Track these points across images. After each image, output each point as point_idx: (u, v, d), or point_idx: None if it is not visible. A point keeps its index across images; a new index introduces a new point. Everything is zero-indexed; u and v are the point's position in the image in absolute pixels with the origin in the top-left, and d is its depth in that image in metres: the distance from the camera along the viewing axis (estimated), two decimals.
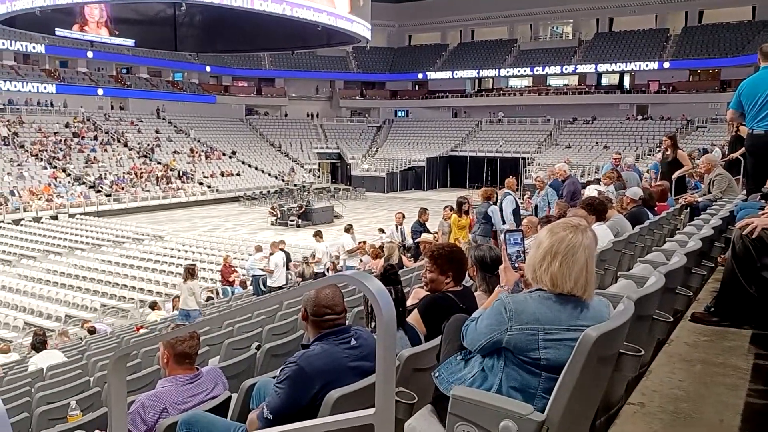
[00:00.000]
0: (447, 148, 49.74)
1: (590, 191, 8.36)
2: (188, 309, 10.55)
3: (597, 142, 44.53)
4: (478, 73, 54.33)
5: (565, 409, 1.86)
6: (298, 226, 30.12)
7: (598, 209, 5.25)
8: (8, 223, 28.68)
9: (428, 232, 9.94)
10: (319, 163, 50.92)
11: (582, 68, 49.97)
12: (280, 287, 12.50)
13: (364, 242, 13.22)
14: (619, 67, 48.59)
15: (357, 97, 59.04)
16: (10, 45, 42.48)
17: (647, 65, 46.74)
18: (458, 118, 54.99)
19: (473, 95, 55.46)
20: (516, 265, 2.41)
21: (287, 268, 13.16)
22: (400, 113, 57.87)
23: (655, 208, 6.78)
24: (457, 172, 48.29)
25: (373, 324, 3.13)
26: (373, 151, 51.78)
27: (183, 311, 10.64)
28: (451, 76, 54.66)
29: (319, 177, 49.01)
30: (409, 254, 10.33)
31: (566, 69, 50.56)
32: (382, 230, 15.86)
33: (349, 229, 13.38)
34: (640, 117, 46.90)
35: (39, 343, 9.02)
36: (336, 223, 30.38)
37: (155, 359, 5.85)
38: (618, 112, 47.52)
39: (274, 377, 3.16)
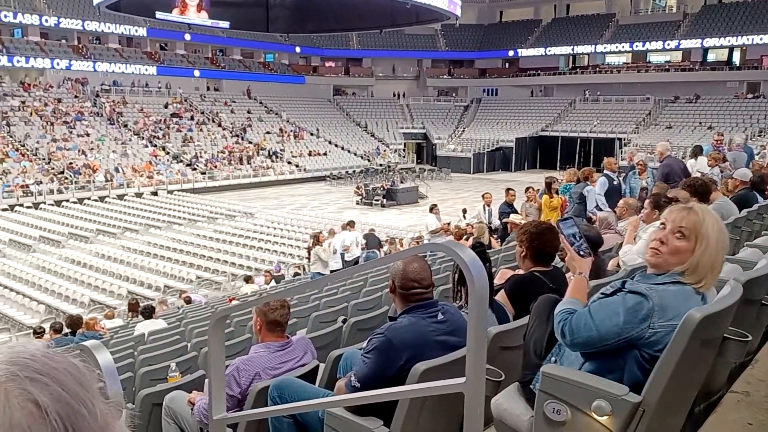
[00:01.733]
0: (537, 128, 48.37)
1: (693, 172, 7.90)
2: (318, 272, 11.53)
3: (700, 122, 41.90)
4: (573, 49, 52.32)
5: (663, 392, 1.78)
6: (383, 205, 30.37)
7: (700, 191, 4.96)
8: (113, 199, 30.60)
9: (516, 212, 9.74)
10: (405, 143, 50.93)
11: (686, 43, 46.93)
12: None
13: (448, 224, 13.15)
14: (729, 41, 45.21)
15: (444, 76, 58.39)
16: (114, 29, 44.94)
17: (761, 39, 43.20)
18: (550, 96, 53.32)
19: (567, 73, 53.53)
20: (581, 252, 2.31)
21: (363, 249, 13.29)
22: (488, 92, 56.77)
23: (766, 192, 6.32)
24: (547, 153, 46.91)
25: (459, 300, 3.11)
26: (459, 131, 51.19)
27: (314, 274, 11.57)
28: (543, 53, 52.94)
29: (404, 157, 49.07)
30: (496, 235, 10.17)
31: (669, 44, 47.69)
32: (465, 211, 15.69)
33: (433, 208, 13.33)
34: (750, 95, 43.66)
35: (147, 312, 9.61)
36: (420, 204, 30.41)
37: (246, 328, 6.12)
38: (725, 90, 44.44)
39: (360, 348, 3.23)
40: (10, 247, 21.51)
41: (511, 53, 55.35)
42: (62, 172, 32.11)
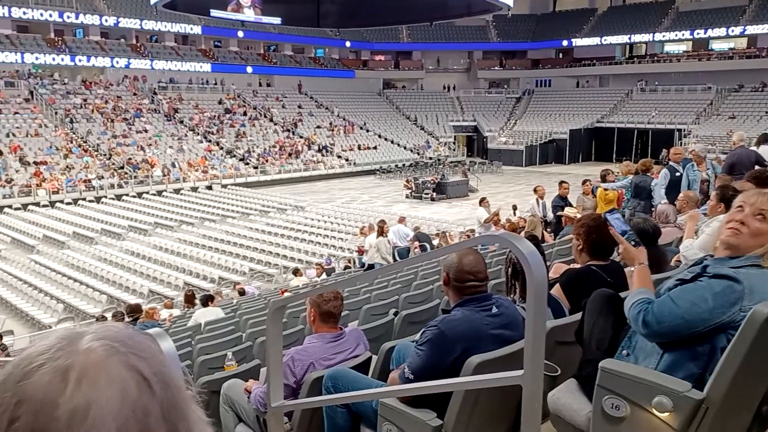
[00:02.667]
0: (592, 120, 47.25)
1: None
2: (378, 263, 11.69)
3: (767, 112, 40.12)
4: (630, 38, 50.83)
5: (727, 389, 1.73)
6: (433, 199, 30.28)
7: (765, 182, 4.75)
8: (170, 193, 31.51)
9: (570, 206, 9.55)
10: (455, 137, 50.59)
11: (752, 29, 44.79)
12: (372, 266, 13.16)
13: (498, 210, 12.95)
14: None
15: (496, 68, 57.66)
16: (170, 27, 46.21)
17: None
18: (605, 87, 52.01)
19: (623, 62, 52.09)
20: (633, 242, 2.25)
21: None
22: (541, 83, 55.77)
23: None
24: (602, 145, 45.80)
25: (513, 293, 3.08)
26: (511, 123, 50.52)
27: (377, 264, 11.64)
28: (599, 43, 51.64)
29: (454, 150, 48.77)
30: (549, 229, 10.00)
31: (732, 31, 45.69)
32: (515, 207, 15.46)
33: (482, 201, 13.18)
34: None
35: (204, 299, 9.89)
36: (471, 197, 30.17)
37: (299, 319, 6.21)
38: None
39: (413, 341, 3.24)
40: (74, 239, 22.42)
41: (565, 43, 54.18)
42: (122, 168, 33.26)
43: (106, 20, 43.70)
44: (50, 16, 41.24)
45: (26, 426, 0.51)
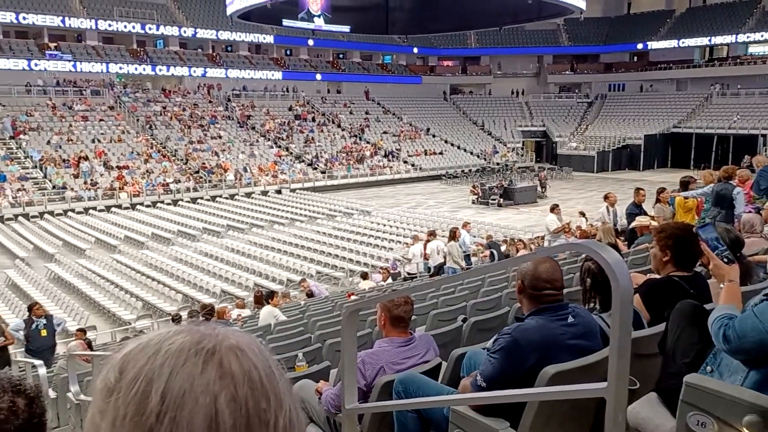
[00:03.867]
0: (668, 125, 45.43)
1: None
2: (451, 267, 11.87)
3: None
4: (710, 40, 48.64)
5: None
6: (500, 205, 29.88)
7: None
8: (242, 196, 32.46)
9: (645, 214, 9.21)
10: (523, 142, 49.80)
11: None
12: (414, 276, 13.74)
13: (569, 223, 12.70)
14: None
15: (567, 72, 56.45)
16: (245, 37, 47.74)
17: None
18: (683, 91, 49.95)
19: (703, 65, 49.85)
20: (725, 259, 2.13)
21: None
22: (614, 87, 54.17)
23: None
24: (679, 151, 43.92)
25: (590, 303, 3.00)
26: (582, 128, 49.28)
27: (449, 268, 11.85)
28: (676, 45, 49.71)
29: (522, 156, 48.02)
30: (622, 238, 9.67)
31: None
32: (583, 214, 15.07)
33: (554, 208, 12.91)
34: None
35: (267, 297, 10.13)
36: (539, 204, 29.62)
37: (367, 323, 6.25)
38: None
39: (484, 348, 3.20)
40: (153, 240, 23.42)
41: (640, 46, 52.44)
42: (197, 172, 34.51)
43: (185, 31, 45.56)
44: (133, 28, 43.37)
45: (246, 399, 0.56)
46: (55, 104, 37.41)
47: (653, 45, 51.38)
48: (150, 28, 44.07)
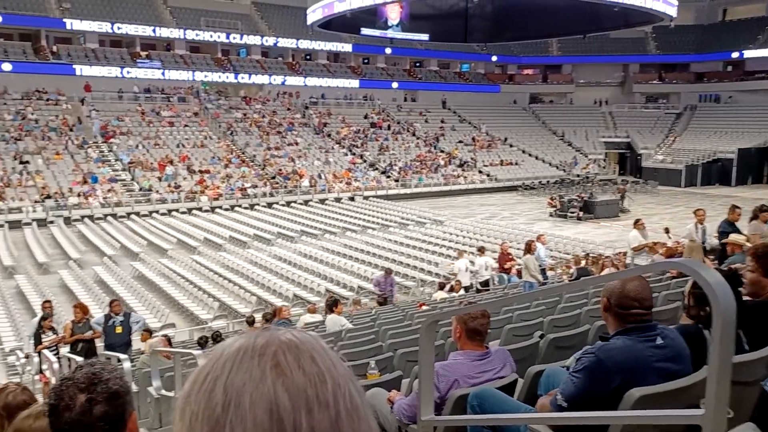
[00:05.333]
0: (765, 138, 42.80)
1: None
2: (527, 281, 11.72)
3: None
4: None
5: None
6: (579, 218, 28.98)
7: None
8: (316, 202, 33.01)
9: (739, 232, 8.66)
10: (606, 153, 48.26)
11: None
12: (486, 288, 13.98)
13: (655, 243, 12.13)
14: None
15: (654, 81, 54.36)
16: (324, 46, 48.75)
17: None
18: None
19: None
20: None
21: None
22: (705, 98, 51.64)
23: None
24: None
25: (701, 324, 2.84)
26: (669, 140, 47.22)
27: (526, 283, 11.73)
28: None
29: (604, 168, 46.52)
30: (712, 257, 9.14)
31: None
32: (667, 230, 14.37)
33: (637, 223, 12.37)
34: None
35: (331, 305, 10.19)
36: (621, 218, 28.56)
37: (439, 334, 6.16)
38: None
39: (563, 366, 3.07)
40: (230, 242, 24.17)
41: (735, 55, 49.81)
42: (274, 177, 35.41)
43: (267, 40, 47.02)
44: (219, 37, 45.16)
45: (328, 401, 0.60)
46: (144, 110, 39.40)
47: (749, 54, 48.69)
48: (234, 38, 45.75)
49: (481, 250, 16.37)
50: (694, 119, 49.48)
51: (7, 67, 37.00)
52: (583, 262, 13.15)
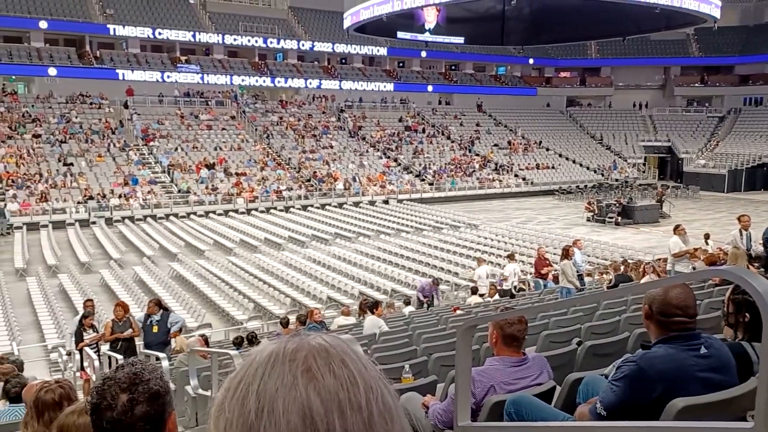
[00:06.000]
0: None
1: None
2: (564, 287, 11.62)
3: None
4: None
5: None
6: (617, 224, 28.44)
7: None
8: (350, 205, 33.14)
9: None
10: (645, 157, 47.32)
11: None
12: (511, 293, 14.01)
13: (696, 249, 11.82)
14: None
15: (696, 84, 53.10)
16: (359, 50, 48.97)
17: None
18: None
19: None
20: None
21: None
22: (750, 101, 50.23)
23: None
24: None
25: (740, 331, 2.75)
26: (712, 144, 46.05)
27: (563, 289, 11.61)
28: None
29: (644, 172, 45.61)
30: (756, 264, 8.88)
31: None
32: (707, 237, 13.98)
33: (678, 228, 12.08)
34: None
35: (371, 306, 10.20)
36: (661, 224, 27.95)
37: (474, 339, 6.11)
38: None
39: (602, 374, 3.01)
40: (265, 244, 24.43)
41: None
42: (309, 180, 35.69)
43: (303, 45, 47.46)
44: (256, 42, 45.78)
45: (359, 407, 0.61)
46: (183, 113, 40.15)
47: None
48: (271, 42, 46.29)
49: (511, 257, 16.24)
50: (738, 123, 48.17)
51: (52, 71, 38.17)
52: (622, 268, 12.88)
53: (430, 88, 51.30)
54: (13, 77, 39.03)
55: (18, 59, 38.04)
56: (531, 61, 54.91)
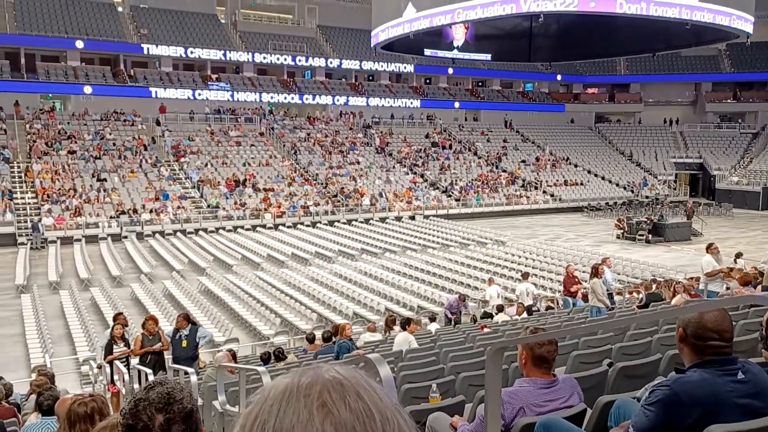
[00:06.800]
0: None
1: None
2: (594, 306, 11.40)
3: None
4: None
5: None
6: (648, 241, 27.98)
7: None
8: (376, 221, 33.20)
9: None
10: (676, 174, 46.60)
11: None
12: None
13: (730, 269, 11.56)
14: None
15: (728, 100, 52.27)
16: (386, 67, 49.38)
17: None
18: None
19: None
20: None
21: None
22: None
23: None
24: None
25: None
26: (745, 161, 45.17)
27: (593, 308, 11.40)
28: None
29: (675, 189, 44.88)
30: None
31: None
32: (739, 255, 13.65)
33: (710, 247, 11.84)
34: None
35: (404, 323, 10.17)
36: (693, 242, 27.41)
37: (502, 359, 6.04)
38: None
39: (634, 397, 2.95)
40: (292, 259, 24.58)
41: None
42: (335, 196, 35.87)
43: (331, 62, 47.97)
44: (285, 59, 46.43)
45: None
46: (213, 130, 40.78)
47: None
48: (299, 60, 46.90)
49: (525, 276, 16.09)
50: None
51: (87, 89, 39.17)
52: (652, 287, 12.65)
53: (456, 104, 51.35)
54: (50, 95, 40.11)
55: (55, 78, 39.14)
56: (559, 77, 54.68)
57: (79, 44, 40.14)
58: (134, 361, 9.12)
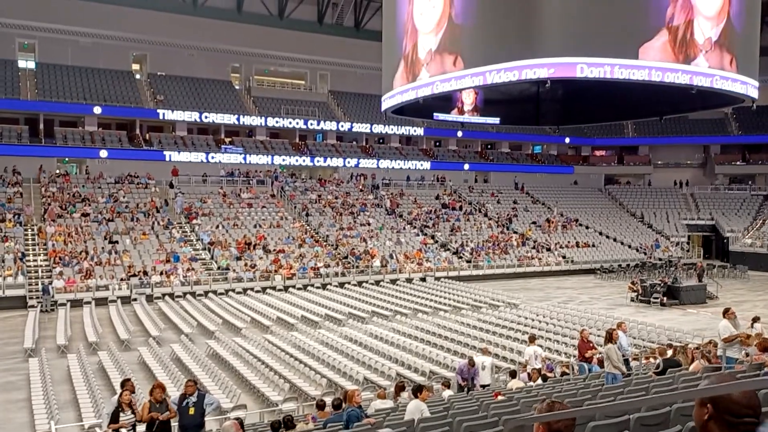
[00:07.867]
0: None
1: None
2: (610, 373, 11.08)
3: None
4: None
5: None
6: (663, 304, 27.54)
7: None
8: (387, 283, 32.97)
9: None
10: (689, 236, 46.35)
11: None
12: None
13: (748, 335, 11.30)
14: None
15: (737, 163, 52.59)
16: (396, 130, 50.29)
17: None
18: None
19: None
20: None
21: None
22: None
23: None
24: None
25: None
26: (757, 223, 44.94)
27: (608, 375, 11.08)
28: None
29: (688, 251, 44.52)
30: None
31: None
32: (756, 320, 13.36)
33: (727, 312, 11.60)
34: None
35: (416, 390, 9.89)
36: (709, 305, 26.94)
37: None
38: None
39: None
40: (302, 322, 24.30)
41: None
42: (346, 257, 35.81)
43: (342, 126, 48.94)
44: (297, 123, 47.43)
45: None
46: (225, 192, 41.28)
47: None
48: (311, 124, 47.90)
49: (532, 339, 15.76)
50: None
51: (103, 154, 40.03)
52: (669, 352, 12.33)
53: (466, 166, 51.90)
54: (66, 159, 40.98)
55: (72, 142, 40.11)
56: (567, 140, 55.38)
57: (97, 110, 41.28)
58: (141, 429, 8.92)
